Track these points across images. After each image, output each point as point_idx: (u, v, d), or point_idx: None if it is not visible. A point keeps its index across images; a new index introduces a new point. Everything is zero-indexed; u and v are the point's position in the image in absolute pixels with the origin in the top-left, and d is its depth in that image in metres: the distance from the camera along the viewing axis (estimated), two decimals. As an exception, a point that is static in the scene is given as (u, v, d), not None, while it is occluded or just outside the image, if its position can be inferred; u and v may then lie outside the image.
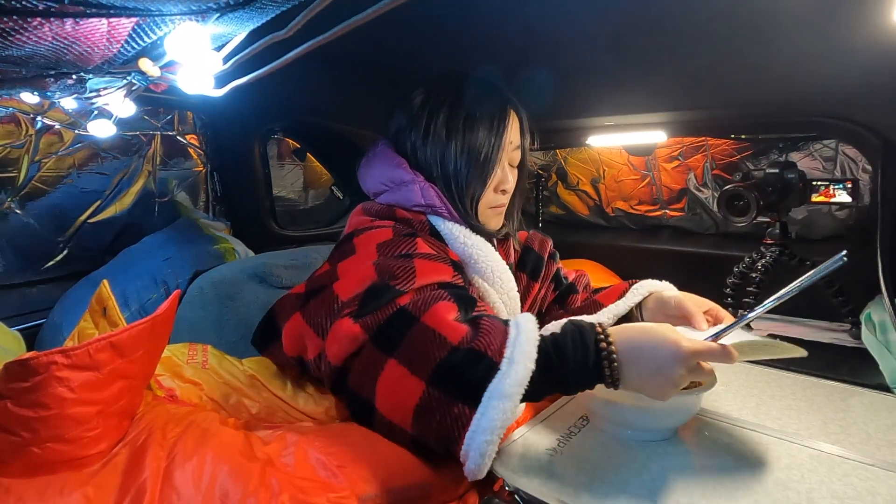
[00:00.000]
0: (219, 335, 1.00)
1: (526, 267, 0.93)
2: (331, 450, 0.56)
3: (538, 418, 0.69)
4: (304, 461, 0.55)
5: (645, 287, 0.89)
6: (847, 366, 0.95)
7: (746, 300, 1.13)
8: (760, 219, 1.12)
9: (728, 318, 0.77)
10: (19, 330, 1.15)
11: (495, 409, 0.53)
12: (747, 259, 1.21)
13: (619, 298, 0.89)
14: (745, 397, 0.76)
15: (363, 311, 0.63)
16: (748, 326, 0.64)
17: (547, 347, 0.57)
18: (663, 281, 0.91)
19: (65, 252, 1.38)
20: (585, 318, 0.87)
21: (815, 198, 1.14)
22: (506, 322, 0.61)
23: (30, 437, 0.48)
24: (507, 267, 0.82)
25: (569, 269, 1.03)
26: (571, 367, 0.56)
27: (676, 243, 1.65)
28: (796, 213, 1.39)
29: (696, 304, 0.79)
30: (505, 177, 0.81)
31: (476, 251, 0.78)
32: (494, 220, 0.83)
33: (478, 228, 0.80)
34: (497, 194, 0.81)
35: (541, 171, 1.94)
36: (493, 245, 0.84)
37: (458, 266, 0.74)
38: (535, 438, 0.63)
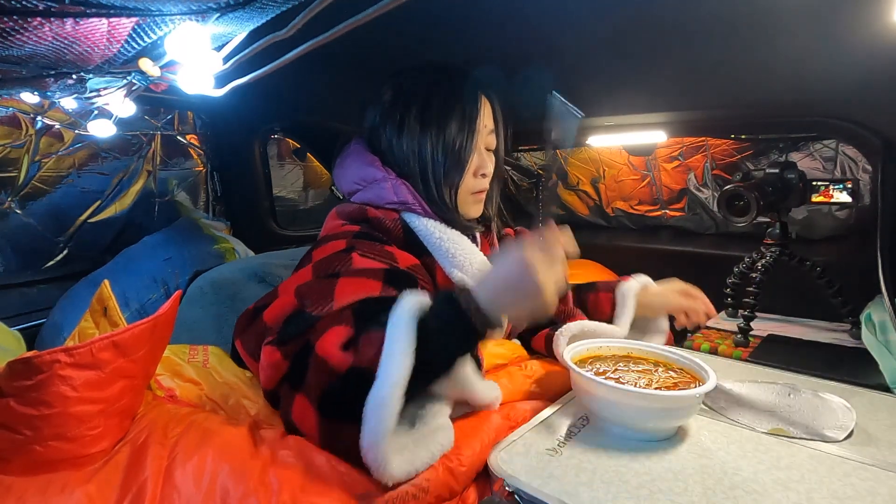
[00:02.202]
0: (219, 335, 1.00)
1: None
2: (331, 449, 0.56)
3: (538, 418, 0.69)
4: (303, 460, 0.55)
5: (631, 292, 0.94)
6: (847, 366, 0.94)
7: (746, 300, 1.13)
8: (760, 219, 1.11)
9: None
10: (19, 330, 1.15)
11: (369, 423, 0.52)
12: (747, 259, 1.21)
13: (612, 307, 0.94)
14: (744, 397, 0.76)
15: (282, 338, 0.62)
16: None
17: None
18: (635, 276, 0.97)
19: (65, 252, 1.38)
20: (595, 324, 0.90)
21: (815, 198, 1.14)
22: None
23: (32, 435, 0.48)
24: (487, 259, 0.81)
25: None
26: (435, 330, 0.55)
27: (676, 243, 1.65)
28: (796, 213, 1.39)
29: (677, 299, 0.91)
30: (483, 161, 0.81)
31: (452, 245, 0.78)
32: (475, 208, 0.84)
33: (453, 222, 0.80)
34: (477, 178, 0.81)
35: (541, 171, 1.94)
36: (475, 240, 0.85)
37: (399, 275, 0.70)
38: (535, 438, 0.63)
